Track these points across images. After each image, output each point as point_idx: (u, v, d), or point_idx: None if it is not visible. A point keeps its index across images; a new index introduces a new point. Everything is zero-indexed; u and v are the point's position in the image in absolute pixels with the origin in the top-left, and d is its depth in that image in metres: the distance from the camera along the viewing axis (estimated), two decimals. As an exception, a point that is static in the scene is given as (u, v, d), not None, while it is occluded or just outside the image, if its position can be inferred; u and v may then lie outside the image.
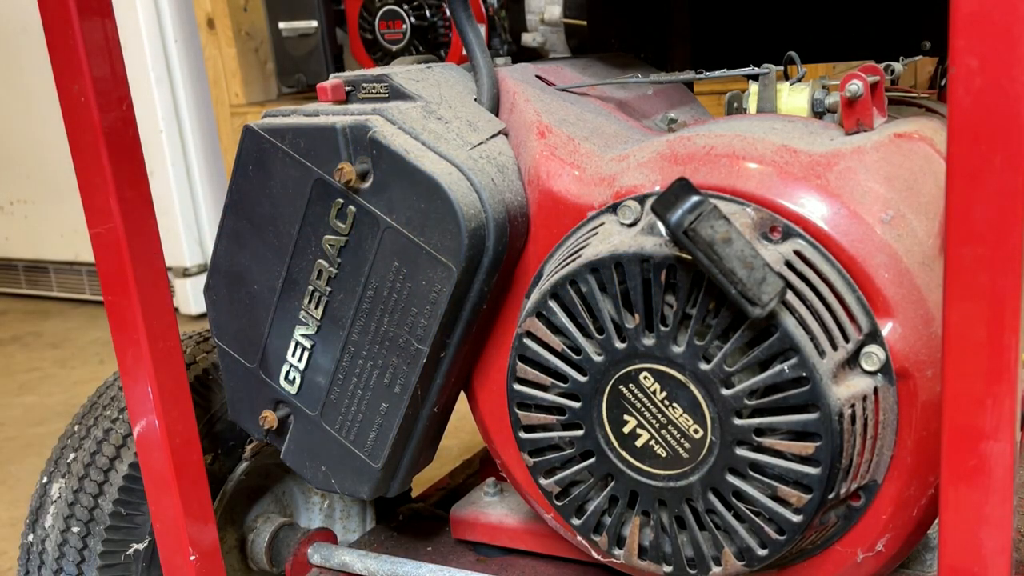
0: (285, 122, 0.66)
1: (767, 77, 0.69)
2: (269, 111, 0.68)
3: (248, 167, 0.67)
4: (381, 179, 0.61)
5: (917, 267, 0.56)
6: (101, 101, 0.68)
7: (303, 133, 0.64)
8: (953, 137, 0.44)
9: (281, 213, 0.66)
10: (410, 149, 0.61)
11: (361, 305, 0.64)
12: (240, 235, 0.68)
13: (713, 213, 0.50)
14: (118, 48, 0.70)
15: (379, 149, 0.61)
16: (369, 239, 0.63)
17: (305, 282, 0.67)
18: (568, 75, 0.76)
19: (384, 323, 0.64)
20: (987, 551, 0.49)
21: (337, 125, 0.62)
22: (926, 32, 0.89)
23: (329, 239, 0.65)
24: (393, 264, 0.62)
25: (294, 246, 0.66)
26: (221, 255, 0.70)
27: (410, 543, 0.83)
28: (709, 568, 0.58)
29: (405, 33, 1.96)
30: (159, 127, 2.41)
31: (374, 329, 0.64)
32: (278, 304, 0.68)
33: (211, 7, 2.35)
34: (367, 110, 0.64)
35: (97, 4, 0.67)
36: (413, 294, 0.62)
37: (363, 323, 0.65)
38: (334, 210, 0.64)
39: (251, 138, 0.66)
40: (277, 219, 0.66)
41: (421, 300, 0.62)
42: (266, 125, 0.66)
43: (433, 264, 0.61)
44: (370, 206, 0.62)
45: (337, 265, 0.65)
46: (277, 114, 0.67)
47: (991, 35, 0.42)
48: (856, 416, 0.54)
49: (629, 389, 0.57)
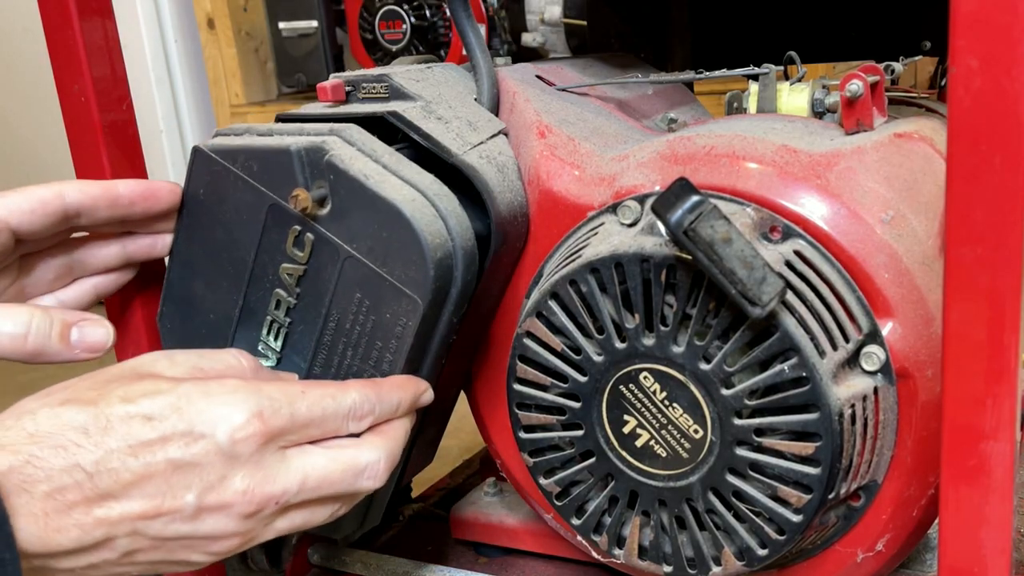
0: (237, 143, 0.61)
1: (767, 77, 0.69)
2: (220, 130, 0.64)
3: (199, 191, 0.62)
4: (340, 205, 0.57)
5: (917, 267, 0.56)
6: (101, 101, 0.68)
7: (256, 155, 0.60)
8: (953, 137, 0.44)
9: (235, 239, 0.61)
10: (370, 174, 0.57)
11: (323, 338, 0.60)
12: (193, 262, 0.64)
13: (713, 213, 0.50)
14: (118, 48, 0.70)
15: (336, 174, 0.57)
16: (329, 268, 0.58)
17: (263, 312, 0.62)
18: (568, 75, 0.76)
19: (347, 357, 0.60)
20: (987, 551, 0.49)
21: (292, 147, 0.58)
22: (926, 32, 0.89)
23: (287, 268, 0.61)
24: (355, 295, 0.58)
25: (250, 274, 0.61)
26: (174, 282, 0.65)
27: (410, 543, 0.83)
28: (709, 568, 0.58)
29: (405, 33, 1.96)
30: (159, 127, 2.41)
31: (336, 363, 0.60)
32: (235, 334, 0.63)
33: (211, 7, 2.35)
34: (324, 130, 0.60)
35: (97, 4, 0.67)
36: (377, 327, 0.58)
37: (325, 356, 0.60)
38: (291, 237, 0.60)
39: (201, 160, 0.62)
40: (232, 246, 0.62)
41: (386, 334, 0.58)
42: (217, 146, 0.62)
43: (397, 296, 0.57)
44: (329, 234, 0.58)
45: (296, 295, 0.61)
46: (229, 133, 0.63)
47: (991, 35, 0.42)
48: (856, 416, 0.54)
49: (629, 389, 0.57)
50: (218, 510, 0.48)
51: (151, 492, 0.46)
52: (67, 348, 0.55)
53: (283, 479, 0.49)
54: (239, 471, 0.48)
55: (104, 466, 0.45)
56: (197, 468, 0.47)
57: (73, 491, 0.44)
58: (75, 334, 0.55)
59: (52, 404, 0.46)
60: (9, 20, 2.56)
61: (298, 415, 0.50)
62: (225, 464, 0.47)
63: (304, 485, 0.50)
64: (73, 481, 0.44)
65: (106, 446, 0.45)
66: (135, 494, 0.46)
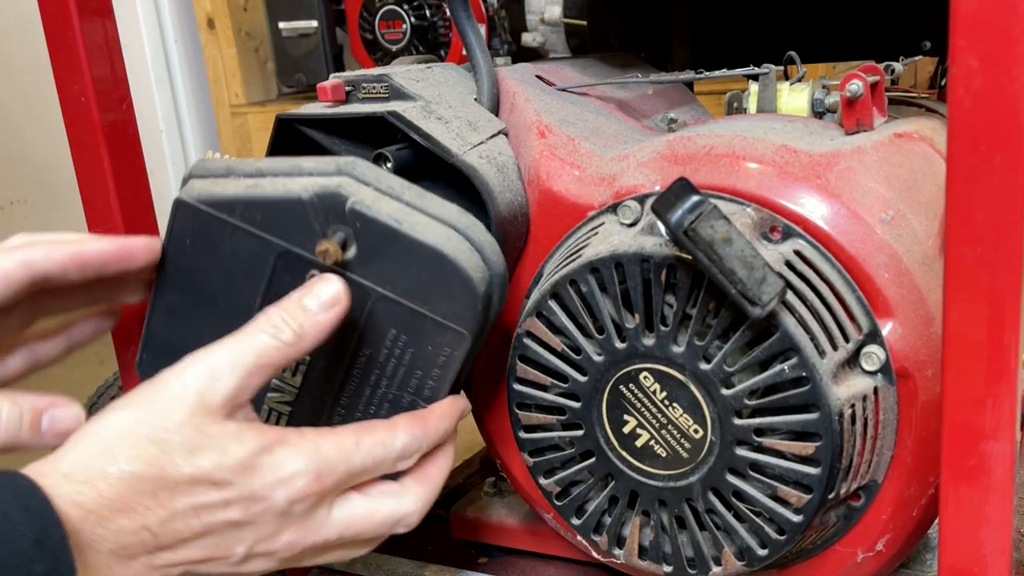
0: (232, 193, 0.56)
1: (767, 77, 0.69)
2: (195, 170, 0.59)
3: (184, 241, 0.58)
4: (369, 250, 0.55)
5: (917, 267, 0.56)
6: (101, 101, 0.68)
7: (259, 206, 0.56)
8: (953, 137, 0.44)
9: (235, 286, 0.58)
10: (399, 217, 0.54)
11: (352, 371, 0.58)
12: (179, 309, 0.60)
13: (713, 213, 0.50)
14: (118, 48, 0.70)
15: (363, 221, 0.54)
16: (356, 309, 0.56)
17: None
18: (568, 75, 0.76)
19: (382, 386, 0.58)
20: (987, 551, 0.49)
21: (303, 196, 0.54)
22: (926, 32, 0.89)
23: None
24: (390, 331, 0.56)
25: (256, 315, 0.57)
26: (157, 330, 0.62)
27: (410, 543, 0.83)
28: (709, 568, 0.58)
29: (405, 33, 1.96)
30: (159, 127, 2.41)
31: (369, 392, 0.58)
32: None
33: (211, 7, 2.35)
34: (330, 169, 0.56)
35: (97, 4, 0.67)
36: (417, 358, 0.56)
37: (355, 386, 0.59)
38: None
39: (187, 213, 0.57)
40: (231, 292, 0.58)
41: (427, 364, 0.56)
42: (206, 197, 0.57)
43: (441, 330, 0.55)
44: (356, 277, 0.55)
45: None
46: (207, 174, 0.58)
47: (991, 35, 0.42)
48: (856, 416, 0.54)
49: (629, 389, 0.57)
50: (263, 556, 0.51)
51: (207, 544, 0.49)
52: (38, 437, 0.55)
53: (325, 530, 0.52)
54: (290, 527, 0.51)
55: (169, 526, 0.48)
56: (253, 526, 0.50)
57: (137, 547, 0.47)
58: (46, 422, 0.55)
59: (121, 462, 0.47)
60: (9, 20, 2.56)
61: (352, 470, 0.53)
62: (278, 522, 0.50)
63: (343, 534, 0.53)
64: (139, 540, 0.47)
65: (172, 508, 0.47)
66: (193, 546, 0.49)
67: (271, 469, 0.49)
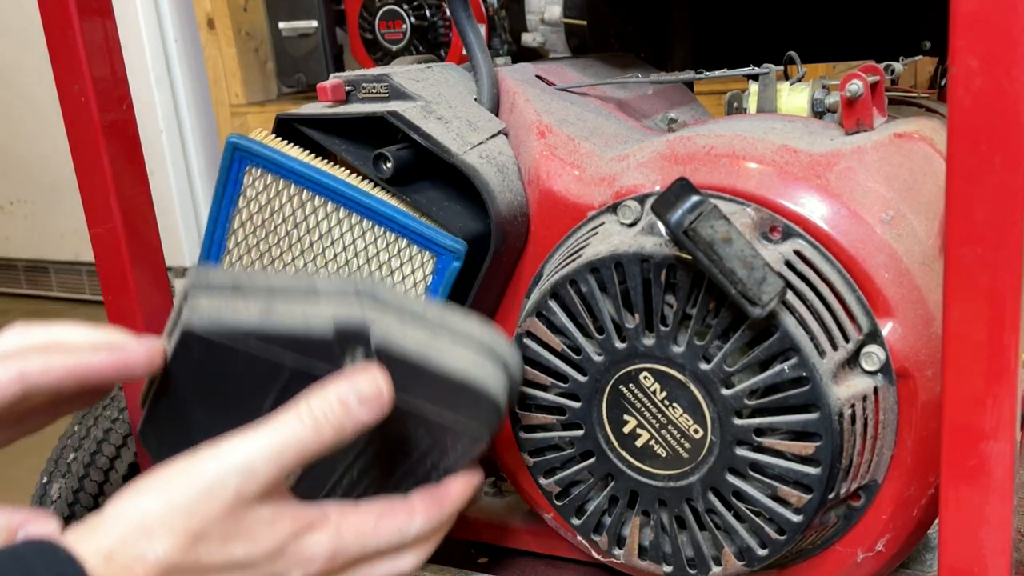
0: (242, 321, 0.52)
1: (767, 77, 0.69)
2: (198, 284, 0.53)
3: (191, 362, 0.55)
4: (395, 376, 0.53)
5: (917, 267, 0.56)
6: (101, 101, 0.68)
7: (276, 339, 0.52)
8: (953, 137, 0.44)
9: (242, 393, 0.56)
10: (427, 346, 0.52)
11: (366, 450, 0.57)
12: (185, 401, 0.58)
13: (713, 213, 0.50)
14: (118, 48, 0.70)
15: (390, 355, 0.52)
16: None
17: None
18: (568, 75, 0.76)
19: (397, 464, 0.57)
20: (987, 551, 0.49)
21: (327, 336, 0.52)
22: (926, 32, 0.89)
23: None
24: (415, 430, 0.55)
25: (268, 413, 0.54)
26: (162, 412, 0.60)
27: (410, 543, 0.83)
28: (709, 568, 0.58)
29: (405, 33, 1.96)
30: (159, 127, 2.41)
31: (383, 467, 0.58)
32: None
33: (211, 7, 2.35)
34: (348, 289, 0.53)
35: (97, 4, 0.67)
36: (434, 448, 0.56)
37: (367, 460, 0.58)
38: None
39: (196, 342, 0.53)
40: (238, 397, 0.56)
41: (444, 451, 0.56)
42: (216, 327, 0.52)
43: (464, 436, 0.55)
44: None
45: None
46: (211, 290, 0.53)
47: (991, 35, 0.42)
48: (856, 416, 0.54)
49: (629, 389, 0.57)
50: None
51: None
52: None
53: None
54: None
55: None
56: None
57: None
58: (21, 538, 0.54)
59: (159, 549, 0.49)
60: (10, 20, 2.56)
61: (366, 553, 0.55)
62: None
63: None
64: None
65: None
66: None
67: (295, 553, 0.52)
